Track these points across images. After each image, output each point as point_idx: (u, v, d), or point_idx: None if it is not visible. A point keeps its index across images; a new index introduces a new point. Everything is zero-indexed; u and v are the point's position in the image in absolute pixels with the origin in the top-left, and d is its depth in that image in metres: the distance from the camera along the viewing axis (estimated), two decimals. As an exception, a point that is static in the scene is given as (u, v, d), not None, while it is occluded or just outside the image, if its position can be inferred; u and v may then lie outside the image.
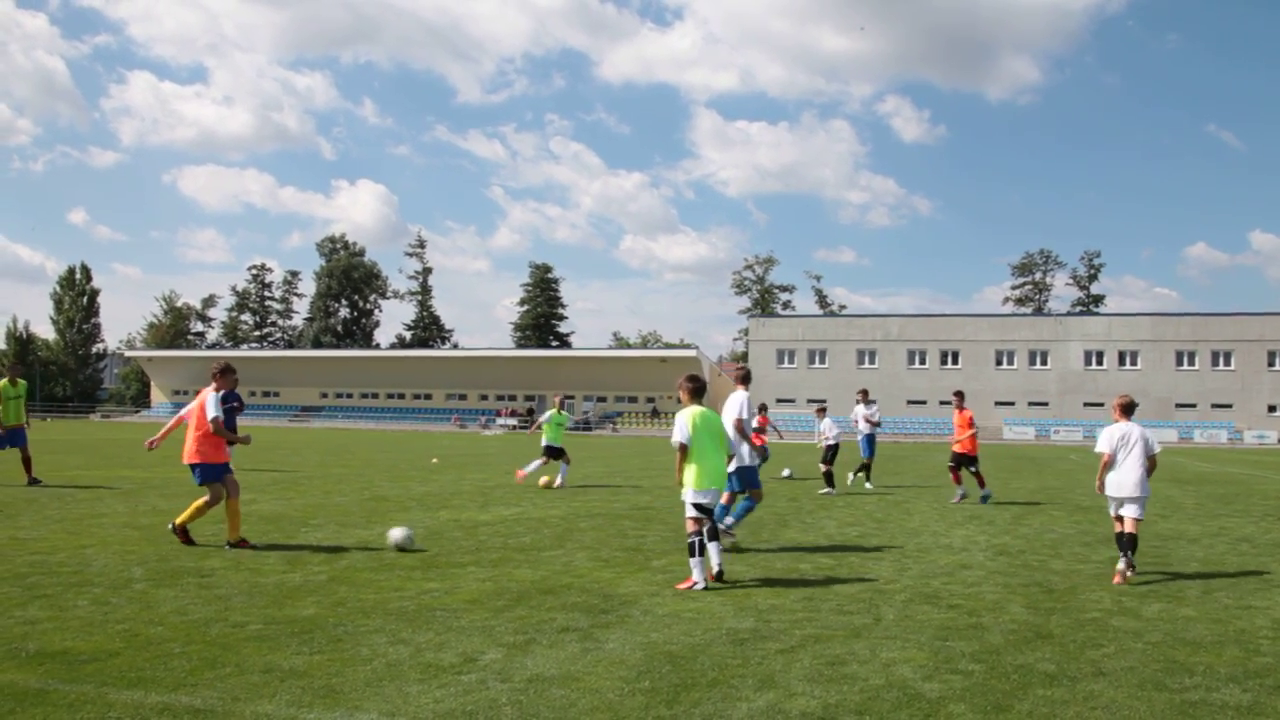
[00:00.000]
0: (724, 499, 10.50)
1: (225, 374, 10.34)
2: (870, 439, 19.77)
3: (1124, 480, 9.05)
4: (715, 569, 8.41)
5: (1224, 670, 5.83)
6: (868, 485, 19.81)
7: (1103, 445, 9.21)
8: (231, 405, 20.85)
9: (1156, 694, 5.30)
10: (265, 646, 5.96)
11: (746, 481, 10.82)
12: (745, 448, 10.73)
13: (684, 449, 8.40)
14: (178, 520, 10.10)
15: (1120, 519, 9.12)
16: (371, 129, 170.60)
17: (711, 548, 8.38)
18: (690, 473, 8.39)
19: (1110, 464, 9.14)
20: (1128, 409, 9.33)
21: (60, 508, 13.09)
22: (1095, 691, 5.33)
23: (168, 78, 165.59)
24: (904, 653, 6.11)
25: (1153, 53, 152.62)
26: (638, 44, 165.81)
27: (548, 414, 19.40)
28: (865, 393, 20.55)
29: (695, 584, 8.10)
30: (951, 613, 7.34)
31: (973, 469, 16.46)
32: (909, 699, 5.14)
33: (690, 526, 8.33)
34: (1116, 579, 8.85)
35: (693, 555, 8.17)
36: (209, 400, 10.05)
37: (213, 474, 10.00)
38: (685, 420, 8.46)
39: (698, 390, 8.71)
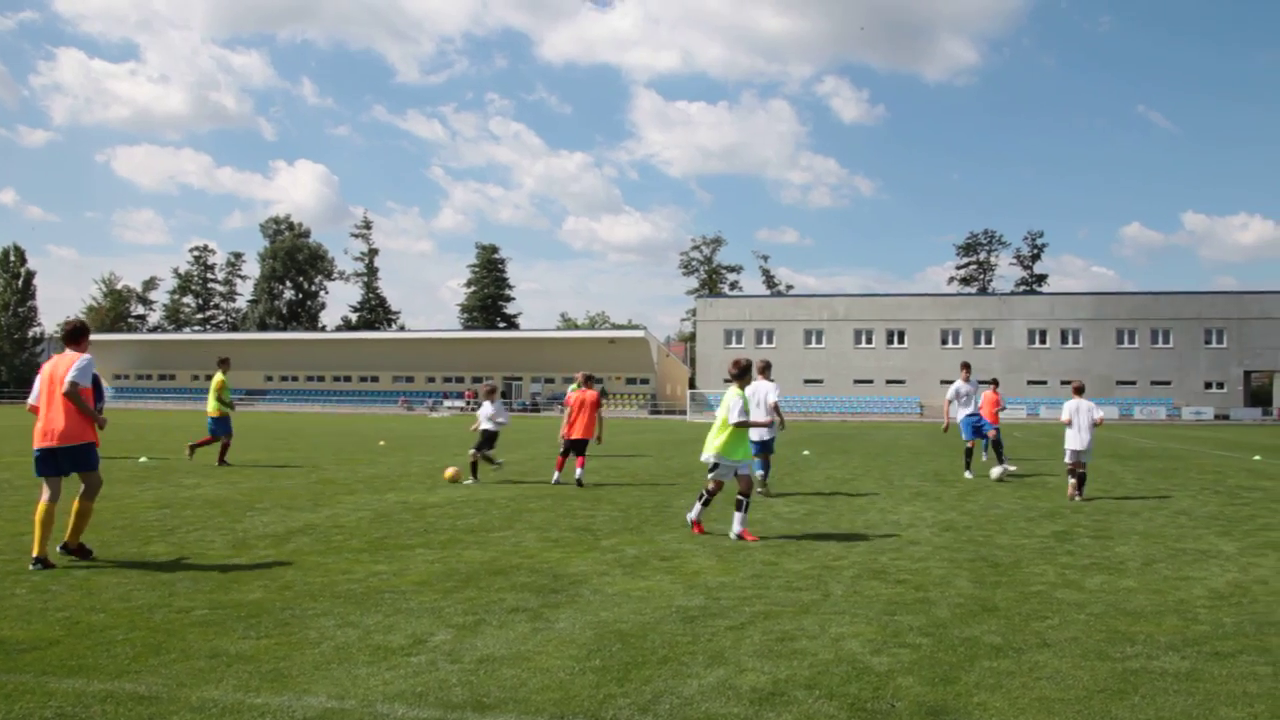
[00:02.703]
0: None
1: (84, 335, 8.28)
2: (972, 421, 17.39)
3: (1078, 437, 13.69)
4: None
5: (1164, 639, 5.94)
6: (993, 471, 16.60)
7: (1064, 414, 13.91)
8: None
9: (1099, 663, 5.40)
10: (211, 631, 5.87)
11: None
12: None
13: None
14: (66, 536, 8.18)
15: (1074, 464, 13.77)
16: (311, 109, 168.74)
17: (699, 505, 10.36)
18: None
19: (1069, 426, 13.85)
20: (1080, 390, 14.16)
21: (-4, 494, 12.78)
22: (1040, 662, 5.42)
23: (98, 55, 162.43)
24: (853, 627, 6.17)
25: (1087, 34, 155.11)
26: (578, 24, 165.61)
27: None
28: (967, 367, 18.10)
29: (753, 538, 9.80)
30: (899, 588, 7.42)
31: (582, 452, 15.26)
32: (858, 672, 5.18)
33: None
34: (1069, 493, 13.71)
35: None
36: (77, 364, 7.91)
37: (89, 458, 8.08)
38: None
39: (735, 376, 10.30)
